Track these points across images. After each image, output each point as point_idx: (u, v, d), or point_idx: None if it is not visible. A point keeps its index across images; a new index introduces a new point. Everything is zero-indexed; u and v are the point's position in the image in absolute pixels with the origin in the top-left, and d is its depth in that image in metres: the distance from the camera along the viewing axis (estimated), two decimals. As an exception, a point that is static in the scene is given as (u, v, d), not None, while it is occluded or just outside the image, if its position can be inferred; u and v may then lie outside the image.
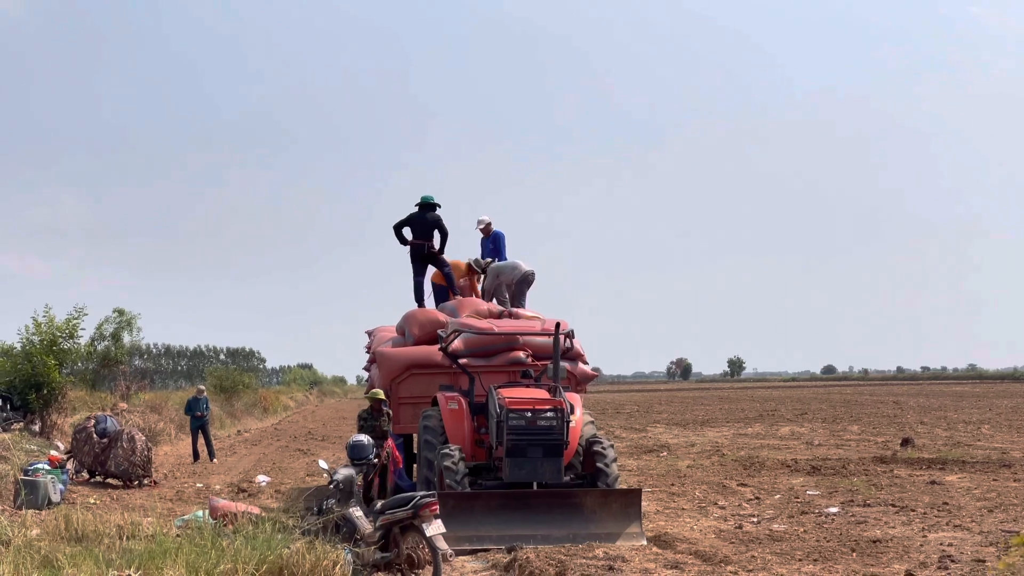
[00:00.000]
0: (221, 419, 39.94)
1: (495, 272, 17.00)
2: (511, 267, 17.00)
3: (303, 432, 36.81)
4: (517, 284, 16.96)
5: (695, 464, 20.90)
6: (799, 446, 24.72)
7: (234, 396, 48.12)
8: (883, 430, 29.63)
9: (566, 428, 12.09)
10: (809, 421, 35.25)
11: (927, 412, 39.81)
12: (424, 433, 13.32)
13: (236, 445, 30.66)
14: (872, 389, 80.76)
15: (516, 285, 16.98)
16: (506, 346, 15.16)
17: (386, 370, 15.33)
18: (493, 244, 18.00)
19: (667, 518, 13.81)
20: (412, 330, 15.83)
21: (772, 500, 15.33)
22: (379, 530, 10.20)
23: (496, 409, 12.28)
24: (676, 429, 32.73)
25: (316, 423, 44.81)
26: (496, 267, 17.10)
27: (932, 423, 32.37)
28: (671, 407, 51.72)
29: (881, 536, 11.86)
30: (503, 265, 17.10)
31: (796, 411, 42.85)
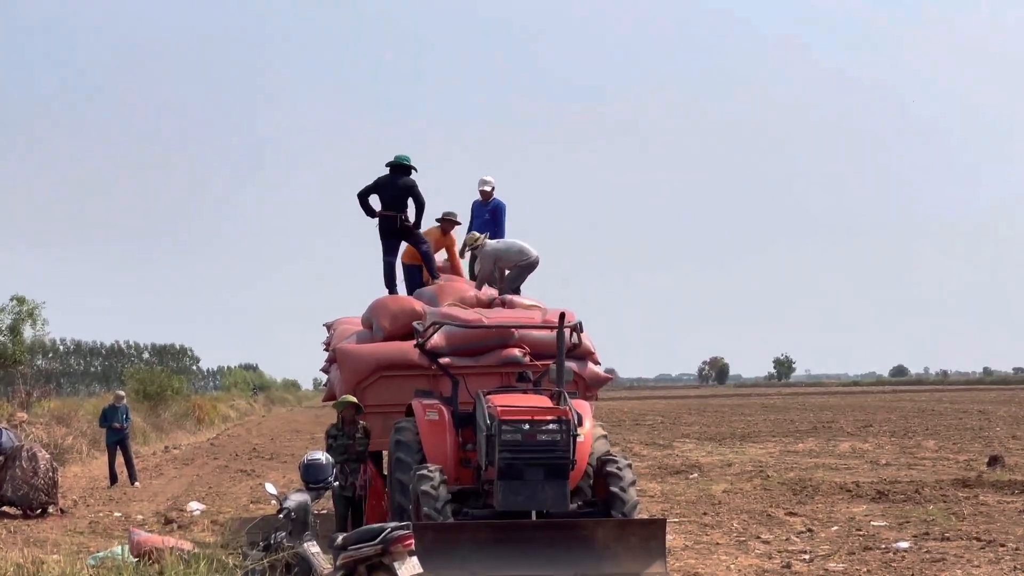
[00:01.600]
0: (145, 433, 39.91)
1: (493, 255, 16.88)
2: (518, 251, 16.83)
3: (246, 449, 36.79)
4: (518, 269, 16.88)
5: (733, 488, 20.93)
6: (862, 466, 24.77)
7: (161, 404, 48.09)
8: (966, 446, 29.69)
9: (572, 444, 12.10)
10: (874, 435, 35.31)
11: (1021, 424, 39.89)
12: (396, 450, 13.31)
13: (163, 464, 30.64)
14: (953, 395, 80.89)
15: (517, 269, 16.90)
16: (498, 342, 15.15)
17: (349, 372, 15.32)
18: (491, 216, 17.93)
19: (698, 555, 13.83)
20: (381, 322, 15.82)
21: (828, 533, 15.37)
22: (340, 570, 10.21)
23: (486, 420, 12.29)
24: (709, 445, 32.77)
25: (262, 437, 44.79)
26: (496, 248, 16.93)
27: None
28: (703, 418, 51.79)
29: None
30: (506, 247, 16.93)
31: (858, 423, 42.92)
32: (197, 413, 52.51)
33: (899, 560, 13.08)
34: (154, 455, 34.61)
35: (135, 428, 32.75)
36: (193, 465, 30.57)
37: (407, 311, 15.75)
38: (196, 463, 31.28)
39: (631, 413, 58.66)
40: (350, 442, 14.45)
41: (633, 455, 28.39)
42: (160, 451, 36.58)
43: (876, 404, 64.40)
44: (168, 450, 37.15)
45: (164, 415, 46.88)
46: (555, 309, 14.81)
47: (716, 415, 54.32)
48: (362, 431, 14.56)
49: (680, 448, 31.66)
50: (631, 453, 29.08)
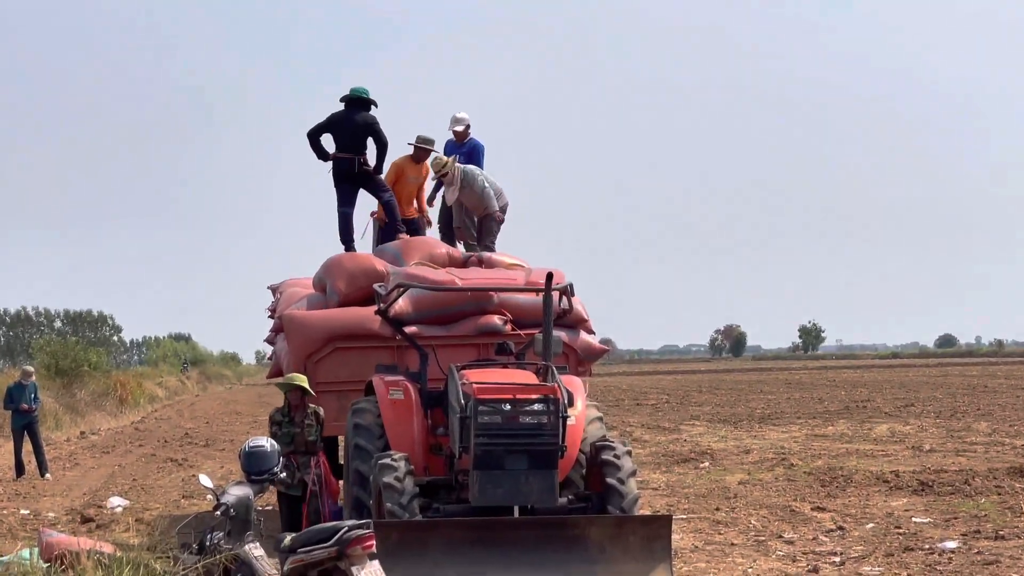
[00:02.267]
0: (57, 415, 39.85)
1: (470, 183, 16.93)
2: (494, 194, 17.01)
3: (177, 434, 36.82)
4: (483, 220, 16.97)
5: (751, 479, 21.03)
6: (902, 453, 24.89)
7: (76, 382, 48.05)
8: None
9: (562, 427, 12.12)
10: (917, 416, 35.47)
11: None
12: (354, 435, 13.32)
13: (79, 453, 30.64)
14: (1009, 369, 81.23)
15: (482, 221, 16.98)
16: (474, 308, 15.16)
17: (298, 343, 15.31)
18: (467, 158, 17.93)
19: (710, 557, 13.89)
20: (336, 284, 15.81)
21: (862, 531, 15.45)
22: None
23: (459, 400, 12.29)
24: (723, 428, 32.89)
25: (196, 421, 44.83)
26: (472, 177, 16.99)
27: (1095, 419, 32.62)
28: (716, 396, 51.96)
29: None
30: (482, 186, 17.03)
31: (898, 402, 43.10)
32: (119, 392, 52.49)
33: (945, 562, 13.15)
34: (68, 442, 34.59)
35: (45, 410, 32.68)
36: (114, 454, 30.58)
37: (367, 271, 15.74)
38: (118, 451, 31.29)
39: (631, 391, 58.81)
40: (298, 430, 14.30)
41: (633, 440, 28.48)
42: (75, 437, 36.55)
43: (919, 380, 64.66)
44: (85, 436, 37.12)
45: (80, 395, 46.84)
46: (541, 269, 14.81)
47: (731, 393, 54.50)
48: (312, 416, 14.43)
49: (688, 432, 31.77)
50: (631, 438, 29.17)
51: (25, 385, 25.37)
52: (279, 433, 14.17)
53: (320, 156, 16.93)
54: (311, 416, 14.42)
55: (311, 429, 14.35)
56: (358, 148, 16.81)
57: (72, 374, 48.26)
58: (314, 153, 16.93)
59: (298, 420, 14.38)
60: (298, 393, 14.43)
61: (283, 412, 14.47)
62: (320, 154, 16.92)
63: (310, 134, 16.88)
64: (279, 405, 14.78)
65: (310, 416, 14.41)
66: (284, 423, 14.37)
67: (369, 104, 16.88)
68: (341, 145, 16.84)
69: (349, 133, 16.78)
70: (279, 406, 14.70)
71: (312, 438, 14.34)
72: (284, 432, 14.25)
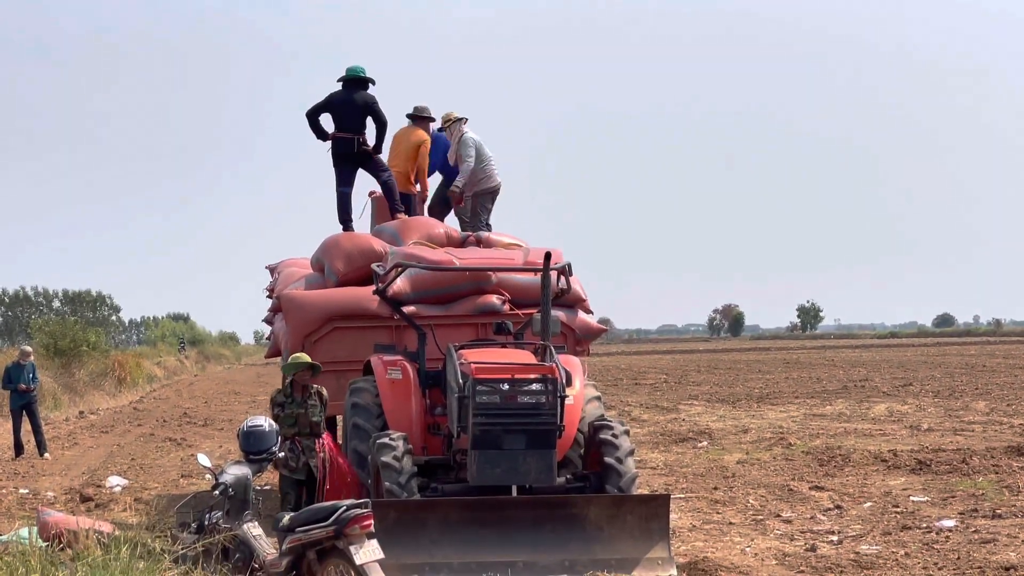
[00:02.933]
0: (56, 395, 39.87)
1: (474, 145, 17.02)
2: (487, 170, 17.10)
3: (176, 414, 36.82)
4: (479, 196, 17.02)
5: (749, 459, 21.06)
6: (900, 432, 24.91)
7: (74, 362, 48.01)
8: (1022, 408, 29.87)
9: (560, 407, 12.14)
10: (915, 396, 35.49)
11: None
12: (353, 414, 13.34)
13: (78, 433, 30.64)
14: (1007, 348, 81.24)
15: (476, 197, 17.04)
16: (472, 288, 15.17)
17: (296, 322, 15.32)
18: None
19: (708, 537, 13.92)
20: (335, 264, 15.81)
21: (860, 510, 15.48)
22: (287, 555, 10.25)
23: (458, 379, 12.31)
24: (721, 408, 32.92)
25: (195, 400, 44.83)
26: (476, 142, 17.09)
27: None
28: (714, 376, 51.98)
29: (1017, 561, 11.99)
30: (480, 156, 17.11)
31: (896, 381, 43.13)
32: (118, 372, 52.44)
33: (943, 541, 13.17)
34: (67, 422, 34.59)
35: (44, 390, 32.67)
36: (113, 433, 30.58)
37: (365, 251, 15.75)
38: (117, 431, 31.29)
39: (629, 371, 58.83)
40: (302, 411, 13.75)
41: (631, 420, 28.51)
42: (74, 417, 36.55)
43: (917, 359, 64.68)
44: (83, 415, 37.13)
45: (78, 374, 46.82)
46: (539, 248, 14.81)
47: (729, 373, 54.52)
48: (316, 397, 13.94)
49: (687, 412, 31.79)
50: (629, 418, 29.20)
51: (23, 365, 25.37)
52: (282, 415, 13.65)
53: (319, 136, 16.93)
54: (314, 396, 13.91)
55: (315, 409, 13.81)
56: (357, 128, 16.82)
57: (71, 354, 48.19)
58: (313, 133, 16.93)
59: (301, 401, 13.84)
60: (306, 374, 13.93)
61: (285, 393, 13.92)
62: (319, 134, 16.92)
63: (309, 114, 16.88)
64: (280, 387, 14.40)
65: (313, 396, 13.91)
66: (287, 404, 13.83)
67: (367, 83, 16.86)
68: (340, 125, 16.84)
69: (348, 113, 16.78)
70: (280, 387, 14.31)
71: (316, 419, 13.78)
72: (288, 414, 13.72)
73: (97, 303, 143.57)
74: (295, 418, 13.75)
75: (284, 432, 12.71)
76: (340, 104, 16.82)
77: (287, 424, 13.55)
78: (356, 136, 16.82)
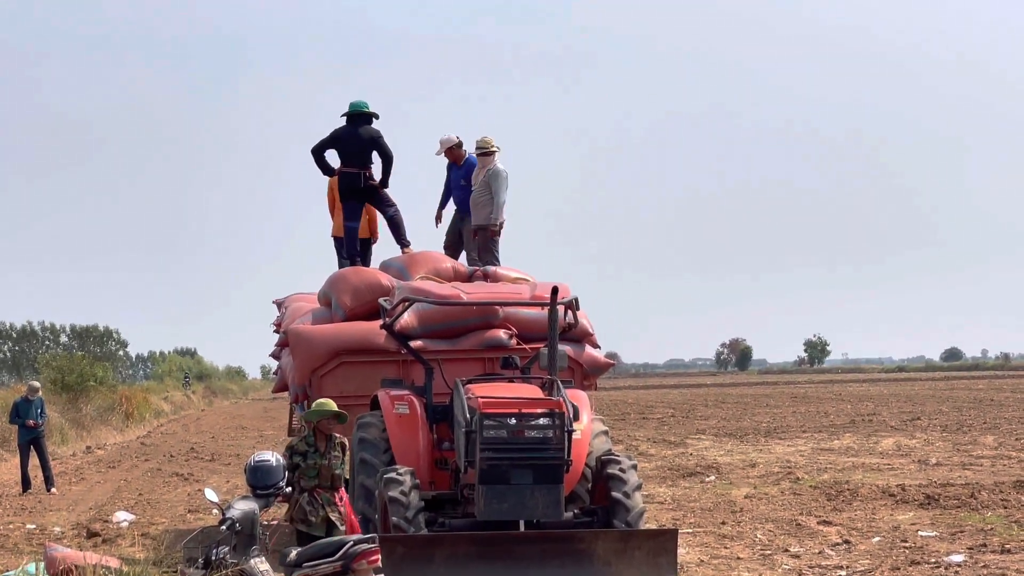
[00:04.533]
0: (63, 430, 39.86)
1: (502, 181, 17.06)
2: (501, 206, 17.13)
3: (183, 449, 36.78)
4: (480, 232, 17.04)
5: (757, 493, 21.01)
6: (908, 466, 24.86)
7: (82, 396, 48.03)
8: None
9: (567, 441, 12.12)
10: (923, 430, 35.43)
11: (1094, 416, 40.00)
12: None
13: (85, 468, 30.63)
14: (1016, 382, 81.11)
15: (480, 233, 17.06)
16: (480, 322, 15.17)
17: (304, 357, 15.32)
18: (467, 180, 17.93)
19: (716, 572, 13.88)
20: (342, 299, 15.82)
21: (869, 545, 15.43)
22: (294, 591, 10.23)
23: (465, 414, 12.30)
24: (729, 442, 32.86)
25: (202, 435, 44.80)
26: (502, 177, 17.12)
27: (1101, 432, 32.57)
28: (722, 410, 51.91)
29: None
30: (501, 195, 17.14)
31: (904, 415, 43.05)
32: (125, 407, 52.47)
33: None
34: (74, 456, 34.59)
35: (51, 425, 32.68)
36: (120, 468, 30.56)
37: (372, 286, 15.76)
38: (124, 466, 31.27)
39: (637, 405, 58.75)
40: (324, 462, 12.76)
41: (639, 454, 28.45)
42: (81, 452, 36.54)
43: (925, 393, 64.58)
44: (91, 451, 37.13)
45: (86, 409, 46.82)
46: (546, 283, 14.81)
47: (737, 407, 54.45)
48: (339, 447, 12.99)
49: (694, 446, 31.74)
50: (637, 452, 29.14)
51: (31, 400, 25.39)
52: (303, 465, 12.71)
53: (325, 172, 16.98)
54: (337, 447, 12.96)
55: (337, 461, 12.87)
56: (363, 162, 16.85)
57: (78, 389, 48.22)
58: (319, 169, 16.97)
59: (323, 450, 12.84)
60: (331, 423, 12.94)
61: (308, 442, 12.88)
62: (325, 170, 16.96)
63: (314, 150, 16.92)
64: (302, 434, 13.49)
65: (336, 447, 12.94)
66: (310, 454, 12.79)
67: (371, 117, 16.91)
68: (346, 160, 16.87)
69: (354, 147, 16.82)
70: (302, 435, 13.27)
71: (339, 471, 12.86)
72: (309, 464, 12.73)
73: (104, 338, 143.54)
74: (317, 469, 12.75)
75: (304, 484, 12.30)
76: (345, 139, 16.86)
77: (308, 476, 12.70)
78: (362, 171, 16.86)
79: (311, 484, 12.68)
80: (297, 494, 12.35)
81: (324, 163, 16.92)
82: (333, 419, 12.86)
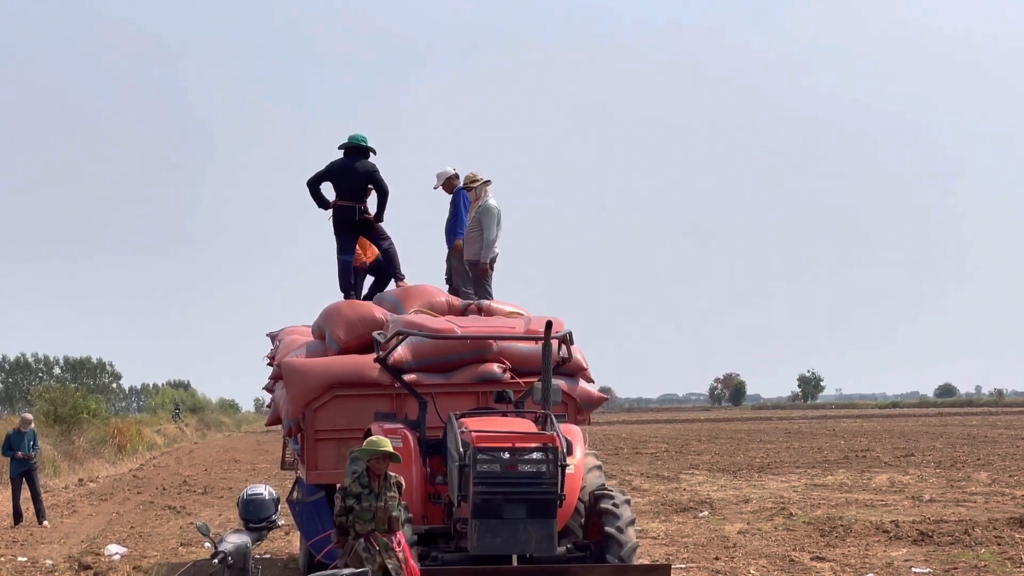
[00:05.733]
0: (55, 462, 39.78)
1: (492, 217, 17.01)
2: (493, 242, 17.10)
3: (176, 482, 36.73)
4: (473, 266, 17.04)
5: (750, 529, 20.98)
6: (902, 502, 24.84)
7: (75, 429, 47.98)
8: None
9: (560, 476, 12.11)
10: (916, 466, 35.43)
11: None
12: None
13: (77, 500, 30.55)
14: (1009, 419, 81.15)
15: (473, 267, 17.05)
16: (473, 356, 15.15)
17: (297, 390, 15.29)
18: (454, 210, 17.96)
19: (708, 607, 13.87)
20: (336, 332, 15.81)
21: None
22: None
23: (458, 448, 12.29)
24: (722, 477, 32.84)
25: (195, 468, 44.72)
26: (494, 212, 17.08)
27: (1095, 469, 32.57)
28: (715, 445, 51.88)
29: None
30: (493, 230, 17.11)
31: (898, 451, 43.06)
32: (117, 439, 52.39)
33: (945, 613, 13.13)
34: (66, 489, 34.50)
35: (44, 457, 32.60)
36: (112, 501, 30.50)
37: (366, 319, 15.74)
38: (116, 498, 31.21)
39: (630, 440, 58.72)
40: (380, 504, 11.71)
41: (632, 489, 28.43)
42: (73, 484, 36.45)
43: (918, 429, 64.60)
44: (83, 483, 37.05)
45: (78, 442, 46.75)
46: (540, 317, 14.80)
47: (730, 442, 54.43)
48: (395, 488, 11.89)
49: (688, 481, 31.71)
50: (630, 487, 29.13)
51: (24, 432, 25.34)
52: (357, 508, 11.68)
53: (320, 205, 16.96)
54: (393, 486, 11.88)
55: (394, 502, 11.82)
56: (359, 196, 16.84)
57: (71, 421, 48.19)
58: (314, 202, 16.96)
59: (377, 491, 11.77)
60: (384, 462, 11.87)
61: (362, 482, 11.80)
62: (320, 203, 16.95)
63: (310, 183, 16.92)
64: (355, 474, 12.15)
65: (392, 487, 11.87)
66: (364, 495, 11.72)
67: (368, 151, 16.92)
68: (341, 193, 16.86)
69: (350, 181, 16.81)
70: (355, 475, 12.01)
71: (396, 513, 11.79)
72: (364, 507, 11.69)
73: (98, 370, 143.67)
74: (372, 512, 11.70)
75: (359, 529, 11.54)
76: (341, 172, 16.85)
77: (363, 520, 11.67)
78: (357, 204, 16.84)
79: (366, 528, 11.65)
80: (352, 540, 11.64)
81: (319, 196, 16.92)
82: (385, 458, 11.82)
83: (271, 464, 39.79)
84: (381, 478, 11.75)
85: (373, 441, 11.89)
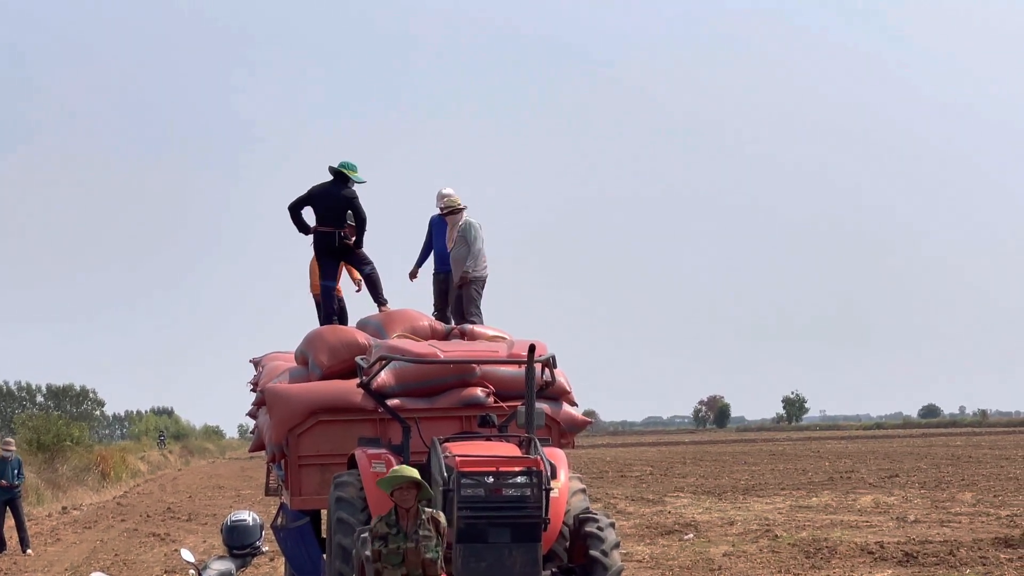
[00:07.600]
0: (38, 490, 39.69)
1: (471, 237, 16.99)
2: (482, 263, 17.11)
3: (160, 509, 36.65)
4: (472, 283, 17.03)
5: (735, 551, 20.98)
6: (886, 523, 24.86)
7: (58, 456, 47.87)
8: (1009, 499, 29.86)
9: (545, 500, 12.10)
10: (901, 487, 35.47)
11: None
12: (337, 508, 13.26)
13: (61, 528, 30.48)
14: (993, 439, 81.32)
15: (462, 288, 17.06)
16: (457, 380, 15.14)
17: (280, 416, 15.26)
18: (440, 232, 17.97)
19: (694, 630, 13.86)
20: (319, 357, 15.78)
21: (847, 602, 15.43)
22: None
23: (442, 472, 12.28)
24: (707, 500, 32.84)
25: (179, 495, 44.63)
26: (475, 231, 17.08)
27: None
28: (700, 467, 51.90)
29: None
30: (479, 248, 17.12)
31: (882, 472, 43.12)
32: (101, 467, 52.30)
33: (930, 634, 13.13)
34: (50, 517, 34.41)
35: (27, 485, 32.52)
36: (96, 529, 30.42)
37: (349, 344, 15.72)
38: (100, 526, 31.13)
39: (615, 463, 58.70)
40: (411, 545, 10.51)
41: (617, 512, 28.42)
42: (57, 512, 36.37)
43: (903, 450, 64.69)
44: (67, 511, 36.96)
45: (62, 469, 46.66)
46: (523, 341, 14.79)
47: (715, 464, 54.44)
48: (431, 525, 10.65)
49: (673, 504, 31.71)
50: (615, 510, 29.11)
51: (7, 460, 25.25)
52: (384, 551, 10.50)
53: (301, 229, 16.94)
54: (428, 524, 10.63)
55: (429, 543, 10.55)
56: (339, 222, 16.83)
57: (54, 449, 48.11)
58: (295, 226, 16.95)
59: (411, 526, 10.60)
60: (411, 492, 10.65)
61: (389, 521, 10.63)
62: (301, 227, 16.93)
63: (291, 207, 16.90)
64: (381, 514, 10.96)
65: (426, 524, 10.62)
66: (392, 536, 10.56)
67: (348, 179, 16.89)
68: (321, 219, 16.86)
69: (330, 206, 16.79)
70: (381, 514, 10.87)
71: (431, 555, 10.54)
72: (391, 549, 10.50)
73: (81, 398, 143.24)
74: (402, 555, 10.48)
75: (390, 573, 10.41)
76: (322, 197, 16.83)
77: (392, 563, 10.46)
78: (337, 230, 16.83)
79: (397, 574, 10.50)
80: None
81: (300, 220, 16.90)
82: (413, 487, 10.60)
83: (255, 490, 39.71)
84: (412, 514, 10.58)
85: (396, 470, 10.83)
